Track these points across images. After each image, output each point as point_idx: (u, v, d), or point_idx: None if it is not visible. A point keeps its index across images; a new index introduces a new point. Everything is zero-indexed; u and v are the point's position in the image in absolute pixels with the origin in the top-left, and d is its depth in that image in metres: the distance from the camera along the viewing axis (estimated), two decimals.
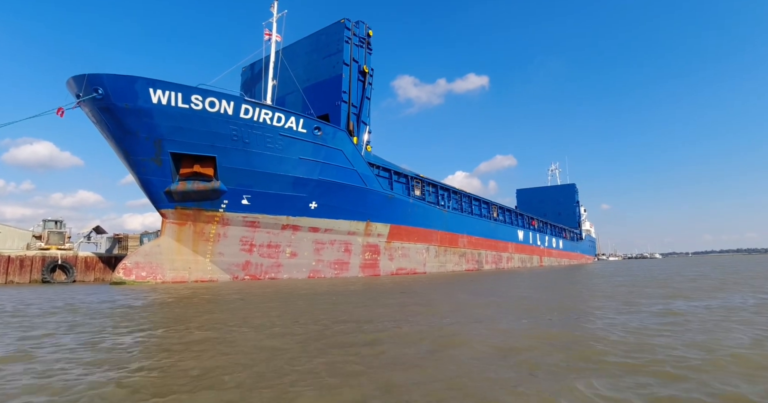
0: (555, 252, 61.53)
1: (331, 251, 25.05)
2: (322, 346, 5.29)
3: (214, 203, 21.02)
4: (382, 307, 9.65)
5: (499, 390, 3.54)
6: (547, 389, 3.51)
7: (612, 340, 5.48)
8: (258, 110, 20.63)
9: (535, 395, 3.39)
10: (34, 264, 23.11)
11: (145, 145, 19.43)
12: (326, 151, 23.40)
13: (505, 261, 44.77)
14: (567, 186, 76.48)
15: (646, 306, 9.07)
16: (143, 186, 20.56)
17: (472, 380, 3.79)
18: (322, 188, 23.53)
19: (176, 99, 18.91)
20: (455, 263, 35.00)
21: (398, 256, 28.96)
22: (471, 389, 3.56)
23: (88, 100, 18.48)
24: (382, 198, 27.09)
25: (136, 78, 18.45)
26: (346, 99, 26.13)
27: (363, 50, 27.55)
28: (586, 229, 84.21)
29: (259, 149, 21.09)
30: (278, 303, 10.76)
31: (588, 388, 3.51)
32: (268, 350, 5.10)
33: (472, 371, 4.11)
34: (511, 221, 47.94)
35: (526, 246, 50.81)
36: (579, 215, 75.91)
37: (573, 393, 3.41)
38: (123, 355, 4.98)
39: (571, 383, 3.63)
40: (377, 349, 5.12)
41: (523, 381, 3.77)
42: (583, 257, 79.34)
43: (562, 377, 3.83)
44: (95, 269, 24.70)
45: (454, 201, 36.69)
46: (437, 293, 13.94)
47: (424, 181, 32.67)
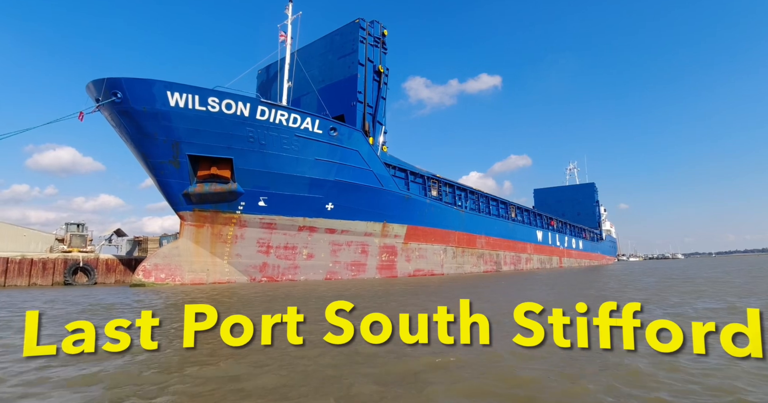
0: (575, 253, 60.28)
1: (348, 252, 24.87)
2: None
3: (231, 204, 21.05)
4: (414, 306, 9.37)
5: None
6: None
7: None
8: (274, 111, 20.60)
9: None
10: (56, 266, 23.50)
11: (163, 148, 19.57)
12: (342, 151, 23.25)
13: (524, 262, 43.97)
14: (586, 185, 74.93)
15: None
16: (162, 189, 20.72)
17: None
18: (339, 189, 23.39)
19: (193, 101, 19.00)
20: (473, 265, 34.48)
21: (415, 257, 28.62)
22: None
23: (107, 104, 18.70)
24: (399, 199, 26.82)
25: (154, 81, 18.60)
26: (361, 99, 25.96)
27: (378, 50, 27.36)
28: (607, 229, 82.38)
29: (275, 151, 21.06)
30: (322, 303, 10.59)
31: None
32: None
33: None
34: (529, 221, 47.12)
35: (545, 247, 49.86)
36: (599, 214, 74.28)
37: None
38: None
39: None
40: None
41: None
42: (604, 258, 77.62)
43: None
44: (116, 271, 25.02)
45: (471, 201, 36.19)
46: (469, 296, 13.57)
47: (440, 182, 32.28)
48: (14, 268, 22.61)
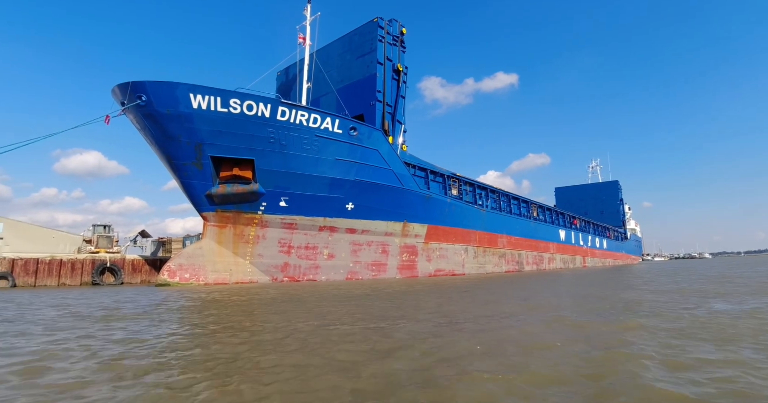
0: (599, 252, 58.90)
1: (369, 252, 24.77)
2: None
3: (253, 205, 21.19)
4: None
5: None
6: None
7: None
8: (294, 112, 20.64)
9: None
10: (84, 267, 24.09)
11: (187, 150, 19.82)
12: (362, 151, 23.16)
13: (547, 262, 43.14)
14: (609, 183, 73.16)
15: None
16: (185, 190, 20.99)
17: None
18: (359, 189, 23.30)
19: (215, 103, 19.18)
20: (495, 264, 33.97)
21: (436, 257, 28.33)
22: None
23: (132, 107, 19.03)
24: (419, 198, 26.58)
25: (177, 84, 18.84)
26: (380, 98, 25.82)
27: (396, 49, 27.19)
28: (631, 228, 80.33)
29: (295, 151, 21.10)
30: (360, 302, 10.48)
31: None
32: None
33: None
34: (551, 220, 46.21)
35: (568, 246, 48.83)
36: (623, 213, 72.43)
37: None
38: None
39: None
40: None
41: None
42: (629, 258, 75.69)
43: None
44: (141, 271, 25.51)
45: (492, 200, 35.67)
46: (500, 296, 13.28)
47: (461, 181, 31.89)
48: (44, 268, 23.26)
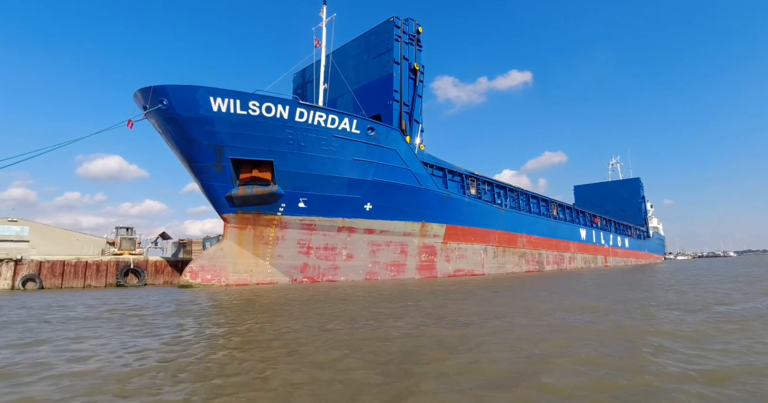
0: (620, 251, 57.63)
1: (387, 252, 24.66)
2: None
3: (273, 206, 21.28)
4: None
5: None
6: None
7: None
8: (312, 113, 20.67)
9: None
10: (109, 268, 24.55)
11: (207, 152, 20.02)
12: (380, 151, 23.07)
13: (568, 261, 42.37)
14: (630, 181, 71.51)
15: None
16: (206, 192, 21.21)
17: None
18: (377, 189, 23.22)
19: (235, 106, 19.33)
20: (515, 264, 33.49)
21: (455, 257, 28.06)
22: None
23: (153, 111, 19.31)
24: (438, 198, 26.36)
25: (198, 87, 19.05)
26: (397, 98, 25.69)
27: (413, 48, 27.03)
28: (654, 226, 78.38)
29: (314, 152, 21.13)
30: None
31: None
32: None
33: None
34: (571, 219, 45.37)
35: (590, 245, 47.89)
36: (645, 211, 70.72)
37: None
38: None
39: None
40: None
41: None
42: (652, 257, 73.88)
43: None
44: (164, 272, 25.89)
45: (511, 199, 35.19)
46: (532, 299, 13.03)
47: (479, 180, 31.54)
48: (70, 270, 23.78)
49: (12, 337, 6.86)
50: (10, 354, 5.54)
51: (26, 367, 4.80)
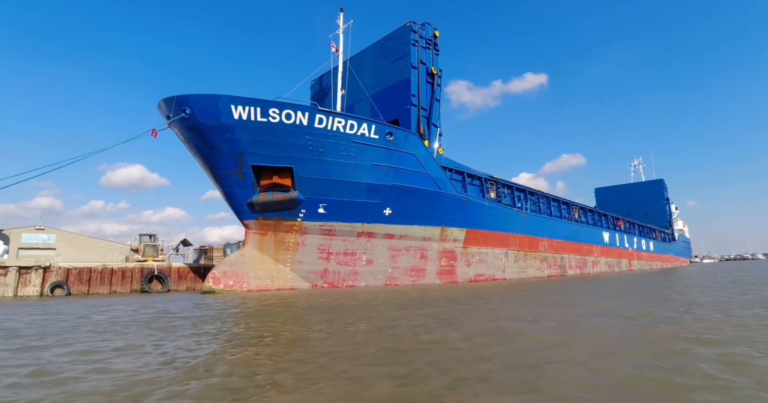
0: (645, 255, 56.15)
1: (407, 257, 24.50)
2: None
3: (293, 212, 21.39)
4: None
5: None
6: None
7: None
8: (331, 119, 20.76)
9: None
10: (133, 275, 24.99)
11: (228, 160, 20.27)
12: (399, 156, 23.01)
13: (591, 265, 41.44)
14: (654, 182, 69.78)
15: None
16: (228, 199, 21.45)
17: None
18: (396, 194, 23.14)
19: (255, 113, 19.54)
20: (536, 269, 32.91)
21: (476, 261, 27.71)
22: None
23: (177, 120, 19.66)
24: (457, 202, 26.12)
25: (219, 96, 19.33)
26: (415, 102, 25.64)
27: (430, 52, 26.97)
28: (679, 228, 76.28)
29: (333, 157, 21.19)
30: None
31: None
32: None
33: None
34: (594, 222, 44.42)
35: (613, 249, 46.78)
36: (669, 213, 68.85)
37: None
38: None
39: None
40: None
41: None
42: (678, 260, 71.82)
43: None
44: (187, 278, 26.23)
45: (531, 203, 34.66)
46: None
47: (498, 183, 31.18)
48: (96, 277, 24.27)
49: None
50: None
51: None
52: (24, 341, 7.32)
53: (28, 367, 5.32)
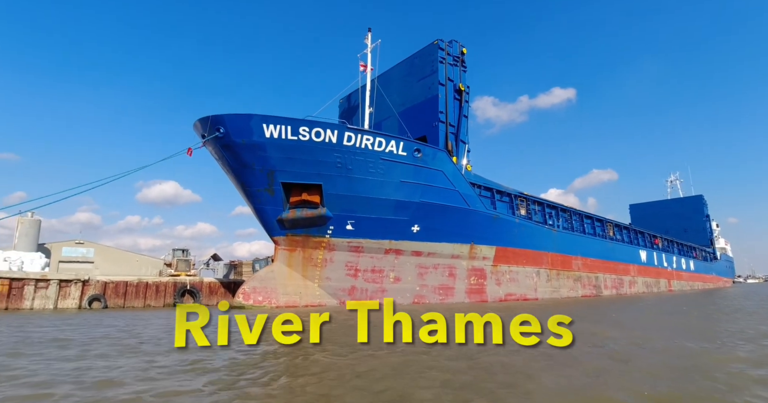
0: (685, 275, 53.39)
1: (435, 275, 24.12)
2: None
3: (321, 229, 21.51)
4: None
5: None
6: None
7: None
8: (360, 136, 20.96)
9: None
10: (167, 289, 25.60)
11: (260, 177, 20.70)
12: (427, 172, 22.93)
13: (627, 285, 39.67)
14: (692, 198, 66.80)
15: None
16: (258, 215, 21.83)
17: None
18: (424, 211, 22.97)
19: (286, 132, 19.96)
20: (570, 288, 31.74)
21: (506, 280, 26.99)
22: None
23: (211, 139, 20.30)
24: (486, 219, 25.68)
25: (252, 115, 19.89)
26: (443, 119, 25.64)
27: (457, 69, 27.06)
28: (721, 247, 72.42)
29: (361, 174, 21.31)
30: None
31: None
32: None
33: None
34: (630, 239, 42.70)
35: (651, 268, 44.71)
36: (710, 230, 65.55)
37: None
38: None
39: None
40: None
41: None
42: (720, 280, 67.96)
43: None
44: (217, 293, 26.65)
45: (563, 220, 33.70)
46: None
47: (528, 200, 30.53)
48: (132, 290, 24.99)
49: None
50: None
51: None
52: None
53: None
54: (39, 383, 5.53)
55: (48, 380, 5.67)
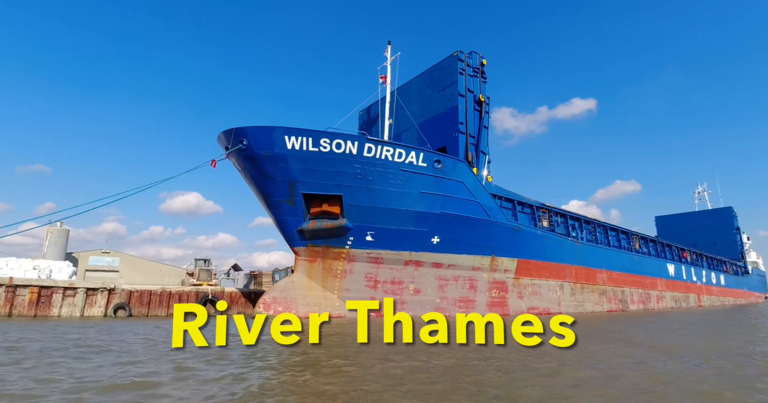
0: (715, 289, 51.37)
1: (456, 287, 23.79)
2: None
3: (341, 240, 21.54)
4: None
5: None
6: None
7: None
8: (380, 148, 21.04)
9: None
10: (189, 298, 25.90)
11: (281, 188, 20.93)
12: (447, 183, 22.81)
13: (655, 300, 38.34)
14: (721, 210, 64.51)
15: None
16: (279, 226, 22.01)
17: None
18: (444, 222, 22.79)
19: (307, 143, 20.19)
20: (595, 302, 30.86)
21: (528, 293, 26.42)
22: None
23: (234, 151, 20.68)
24: (508, 230, 25.30)
25: (274, 128, 20.22)
26: (463, 130, 25.58)
27: (477, 80, 27.05)
28: (752, 260, 69.48)
29: (381, 186, 21.33)
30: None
31: None
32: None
33: None
34: (656, 253, 41.41)
35: (679, 282, 43.17)
36: (741, 244, 63.05)
37: None
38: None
39: None
40: None
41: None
42: (752, 295, 65.10)
43: None
44: (238, 303, 26.83)
45: (587, 232, 32.95)
46: None
47: (551, 211, 30.01)
48: (156, 299, 25.36)
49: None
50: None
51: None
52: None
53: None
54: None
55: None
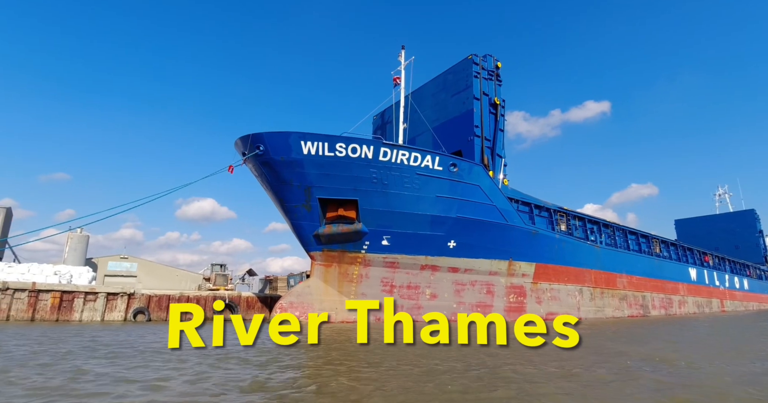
0: (739, 294, 49.93)
1: (472, 292, 23.51)
2: None
3: (357, 244, 21.49)
4: None
5: None
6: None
7: None
8: (395, 152, 21.00)
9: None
10: (207, 303, 26.05)
11: (297, 193, 21.01)
12: (463, 187, 22.63)
13: (677, 305, 37.38)
14: (743, 213, 62.84)
15: None
16: (295, 231, 22.07)
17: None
18: (460, 226, 22.59)
19: (323, 148, 20.26)
20: (615, 308, 30.21)
21: (547, 298, 25.99)
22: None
23: (251, 156, 20.85)
24: (525, 234, 24.97)
25: (290, 133, 20.34)
26: (478, 133, 25.43)
27: (492, 83, 26.91)
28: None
29: (397, 190, 21.26)
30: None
31: None
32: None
33: None
34: (678, 257, 40.44)
35: (702, 287, 42.05)
36: (765, 247, 61.24)
37: None
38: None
39: None
40: None
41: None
42: None
43: None
44: (254, 307, 26.92)
45: (606, 236, 32.35)
46: None
47: (568, 215, 29.54)
48: (174, 304, 25.58)
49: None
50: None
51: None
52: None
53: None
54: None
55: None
